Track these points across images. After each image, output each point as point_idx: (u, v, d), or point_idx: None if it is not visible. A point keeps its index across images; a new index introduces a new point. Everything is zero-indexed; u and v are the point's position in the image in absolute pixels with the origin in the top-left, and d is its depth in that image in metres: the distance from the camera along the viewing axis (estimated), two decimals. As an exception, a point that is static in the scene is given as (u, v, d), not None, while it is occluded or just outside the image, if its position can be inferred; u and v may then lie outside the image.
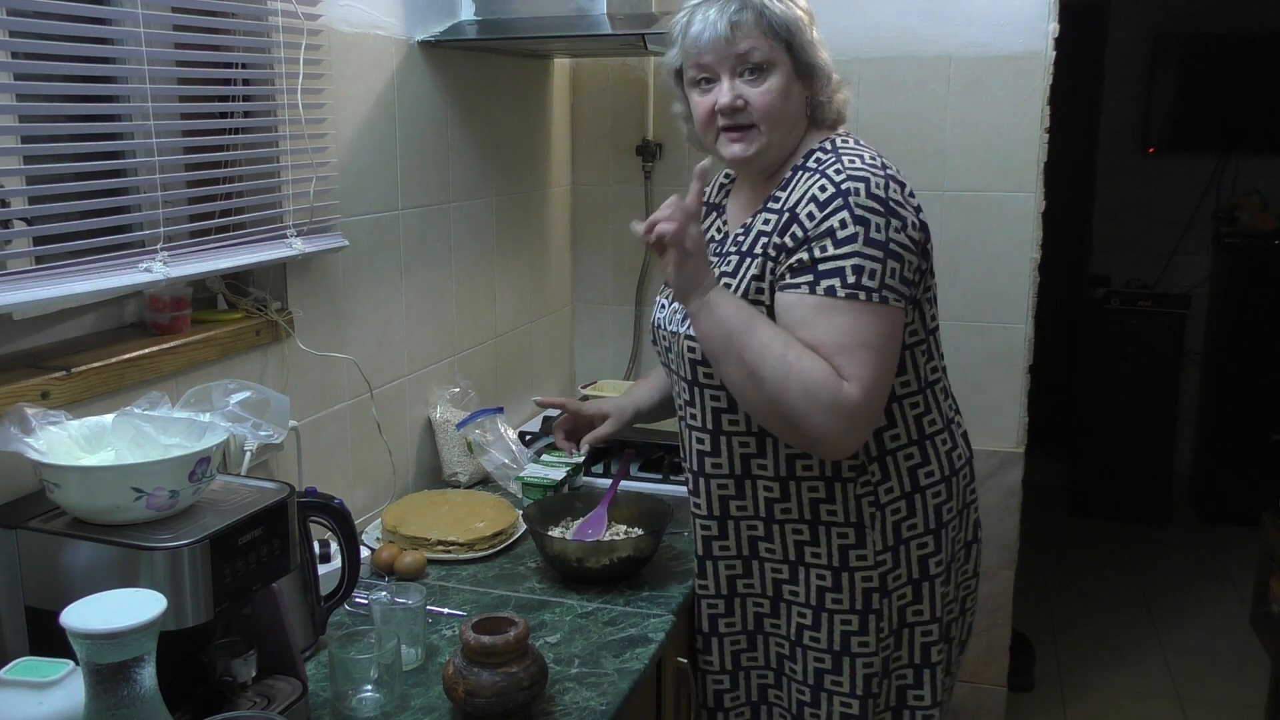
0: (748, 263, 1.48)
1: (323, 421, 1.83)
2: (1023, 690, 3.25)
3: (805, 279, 1.41)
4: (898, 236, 1.41)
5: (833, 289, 1.39)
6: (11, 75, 1.30)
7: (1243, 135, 4.62)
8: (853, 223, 1.39)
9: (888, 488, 1.53)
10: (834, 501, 1.52)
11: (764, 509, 1.56)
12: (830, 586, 1.55)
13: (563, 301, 2.81)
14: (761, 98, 1.46)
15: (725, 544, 1.61)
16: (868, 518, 1.53)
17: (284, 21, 1.61)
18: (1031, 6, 2.37)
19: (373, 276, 1.94)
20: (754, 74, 1.47)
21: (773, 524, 1.56)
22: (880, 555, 1.53)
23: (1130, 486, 4.58)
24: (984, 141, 2.44)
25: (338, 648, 1.35)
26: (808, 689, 1.59)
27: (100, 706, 0.92)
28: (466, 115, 2.21)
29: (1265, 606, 2.58)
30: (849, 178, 1.42)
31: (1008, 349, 2.51)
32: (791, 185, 1.48)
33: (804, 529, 1.54)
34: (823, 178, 1.44)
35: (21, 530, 1.16)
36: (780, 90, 1.47)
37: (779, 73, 1.47)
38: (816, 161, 1.48)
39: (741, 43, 1.45)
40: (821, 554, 1.54)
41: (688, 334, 1.52)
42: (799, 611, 1.58)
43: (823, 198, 1.42)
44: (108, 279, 1.34)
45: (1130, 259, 4.90)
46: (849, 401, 1.36)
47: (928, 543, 1.56)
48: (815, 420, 1.38)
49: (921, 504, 1.55)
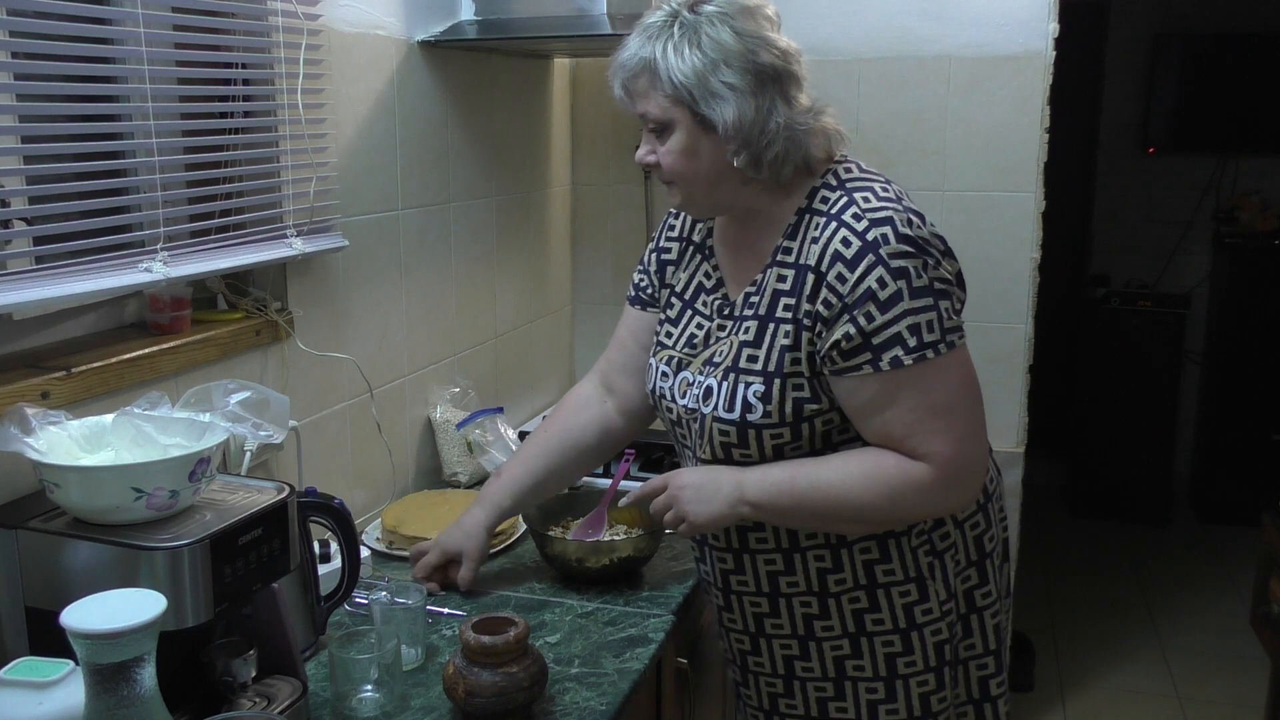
0: (773, 329, 1.36)
1: (323, 421, 1.83)
2: (1023, 690, 3.25)
3: (864, 359, 1.30)
4: (936, 274, 1.31)
5: (897, 360, 1.29)
6: (11, 75, 1.30)
7: (1243, 135, 4.62)
8: (892, 279, 1.28)
9: (943, 533, 1.44)
10: (889, 560, 1.41)
11: (817, 582, 1.44)
12: (900, 651, 1.43)
13: (563, 301, 2.81)
14: (664, 158, 1.36)
15: (779, 623, 1.48)
16: (926, 568, 1.42)
17: (284, 21, 1.61)
18: (1031, 6, 2.37)
19: (373, 276, 1.94)
20: (659, 132, 1.36)
21: (828, 598, 1.44)
22: (945, 605, 1.44)
23: (1130, 486, 4.58)
24: (984, 141, 2.44)
25: (338, 648, 1.35)
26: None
27: (100, 706, 0.92)
28: (466, 115, 2.21)
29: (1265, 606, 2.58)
30: (871, 224, 1.30)
31: (1008, 349, 2.51)
32: (803, 234, 1.35)
33: (861, 595, 1.43)
34: (843, 228, 1.31)
35: (21, 530, 1.16)
36: (681, 150, 1.34)
37: (679, 131, 1.33)
38: (824, 201, 1.35)
39: (637, 103, 1.35)
40: (885, 619, 1.43)
41: (715, 416, 1.39)
42: (867, 687, 1.45)
43: (849, 255, 1.29)
44: (108, 279, 1.34)
45: (1130, 259, 4.90)
46: (932, 480, 1.31)
47: (971, 575, 1.48)
48: (917, 512, 1.37)
49: (962, 539, 1.46)
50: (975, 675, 1.51)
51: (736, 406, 1.37)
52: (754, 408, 1.36)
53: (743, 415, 1.36)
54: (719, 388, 1.39)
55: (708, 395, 1.41)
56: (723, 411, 1.38)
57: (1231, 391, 4.51)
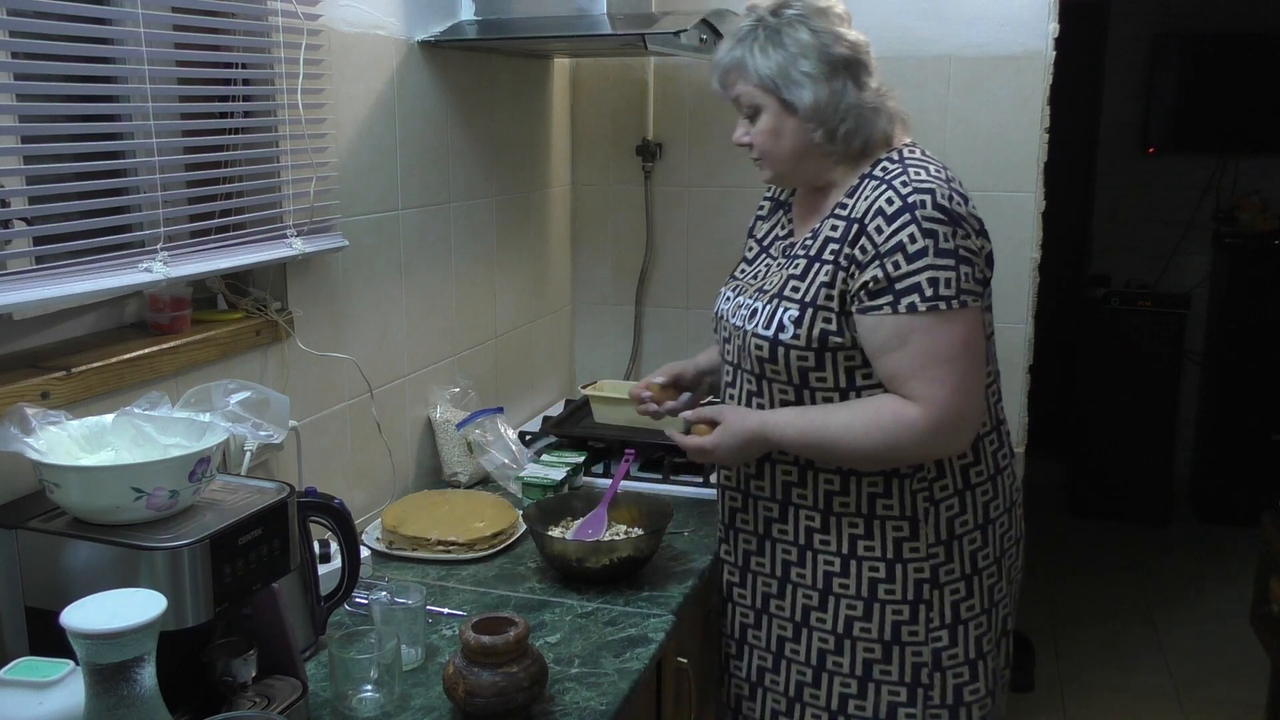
0: (816, 268, 1.56)
1: (323, 421, 1.83)
2: (1023, 690, 3.25)
3: (885, 300, 1.49)
4: (964, 243, 1.49)
5: (913, 305, 1.47)
6: (11, 75, 1.30)
7: (1243, 135, 4.62)
8: (921, 236, 1.47)
9: (942, 484, 1.60)
10: (890, 496, 1.59)
11: (823, 501, 1.62)
12: (884, 578, 1.60)
13: (563, 301, 2.81)
14: (755, 137, 1.60)
15: (784, 528, 1.66)
16: (921, 512, 1.59)
17: (284, 21, 1.61)
18: (1031, 6, 2.37)
19: (373, 276, 1.94)
20: (751, 116, 1.59)
21: (830, 516, 1.62)
22: (933, 549, 1.59)
23: (1130, 486, 4.58)
24: (984, 141, 2.44)
25: (338, 648, 1.35)
26: (854, 680, 1.63)
27: (100, 706, 0.92)
28: (466, 115, 2.21)
29: (1265, 606, 2.58)
30: (915, 190, 1.49)
31: (1008, 349, 2.51)
32: (859, 193, 1.55)
33: (859, 523, 1.61)
34: (889, 189, 1.51)
35: (21, 530, 1.16)
36: (768, 131, 1.57)
37: (766, 114, 1.57)
38: (883, 170, 1.55)
39: (731, 90, 1.59)
40: (875, 547, 1.60)
41: (754, 332, 1.60)
42: (848, 604, 1.62)
43: (890, 211, 1.49)
44: (108, 279, 1.34)
45: (1130, 259, 4.90)
46: (924, 424, 1.48)
47: (976, 538, 1.63)
48: (911, 453, 1.53)
49: (971, 501, 1.62)
50: (973, 634, 1.63)
51: (772, 326, 1.57)
52: (786, 329, 1.56)
53: (776, 334, 1.57)
54: (762, 309, 1.61)
55: (752, 315, 1.62)
56: (761, 329, 1.59)
57: (1231, 391, 4.51)
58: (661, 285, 2.80)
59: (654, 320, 2.82)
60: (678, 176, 2.72)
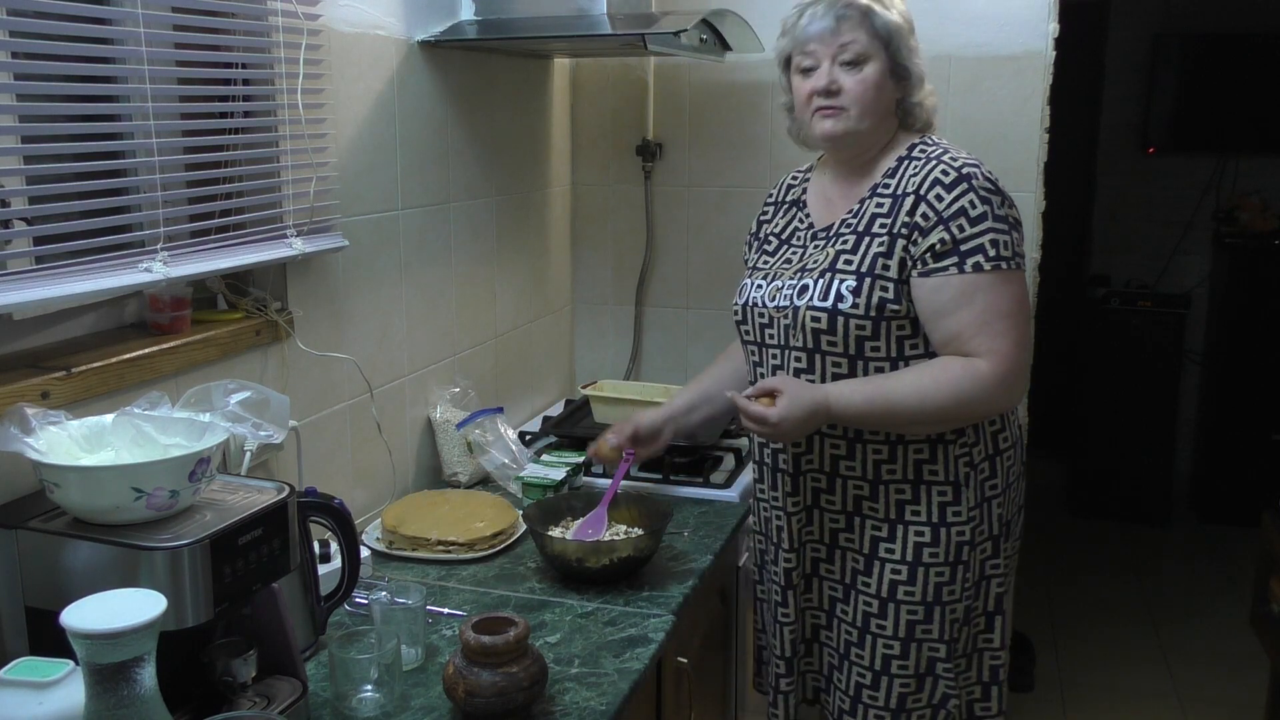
0: (867, 241, 1.64)
1: (323, 421, 1.83)
2: (1023, 690, 3.25)
3: (952, 260, 1.58)
4: (1012, 212, 1.63)
5: (979, 265, 1.57)
6: (11, 75, 1.30)
7: (1243, 135, 4.62)
8: (980, 203, 1.59)
9: (979, 450, 1.69)
10: (936, 462, 1.67)
11: (871, 470, 1.69)
12: (929, 541, 1.67)
13: (563, 301, 2.81)
14: (856, 85, 1.64)
15: (831, 498, 1.73)
16: (963, 477, 1.67)
17: (284, 21, 1.61)
18: (1031, 6, 2.37)
19: (373, 276, 1.94)
20: (851, 64, 1.64)
21: (879, 484, 1.69)
22: (972, 511, 1.68)
23: (1130, 486, 4.58)
24: (984, 141, 2.44)
25: (338, 648, 1.35)
26: (897, 642, 1.69)
27: (100, 706, 0.92)
28: (466, 115, 2.21)
29: (1265, 606, 2.58)
30: (965, 164, 1.61)
31: (1008, 349, 2.51)
32: (901, 174, 1.66)
33: (906, 489, 1.68)
34: (940, 164, 1.62)
35: (21, 530, 1.16)
36: (873, 81, 1.64)
37: (873, 66, 1.64)
38: (923, 152, 1.67)
39: (845, 35, 1.63)
40: (921, 511, 1.67)
41: (809, 305, 1.64)
42: (892, 568, 1.69)
43: (947, 180, 1.60)
44: (108, 279, 1.34)
45: (1130, 259, 4.90)
46: (992, 377, 1.57)
47: (1003, 501, 1.72)
48: (979, 407, 1.61)
49: (1000, 466, 1.72)
50: (994, 591, 1.74)
51: (830, 297, 1.63)
52: (845, 299, 1.62)
53: (834, 305, 1.62)
54: (815, 283, 1.66)
55: (803, 291, 1.67)
56: (817, 300, 1.64)
57: (1231, 391, 4.51)
58: (661, 285, 2.80)
59: (654, 320, 2.83)
60: (678, 176, 2.72)
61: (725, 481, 2.14)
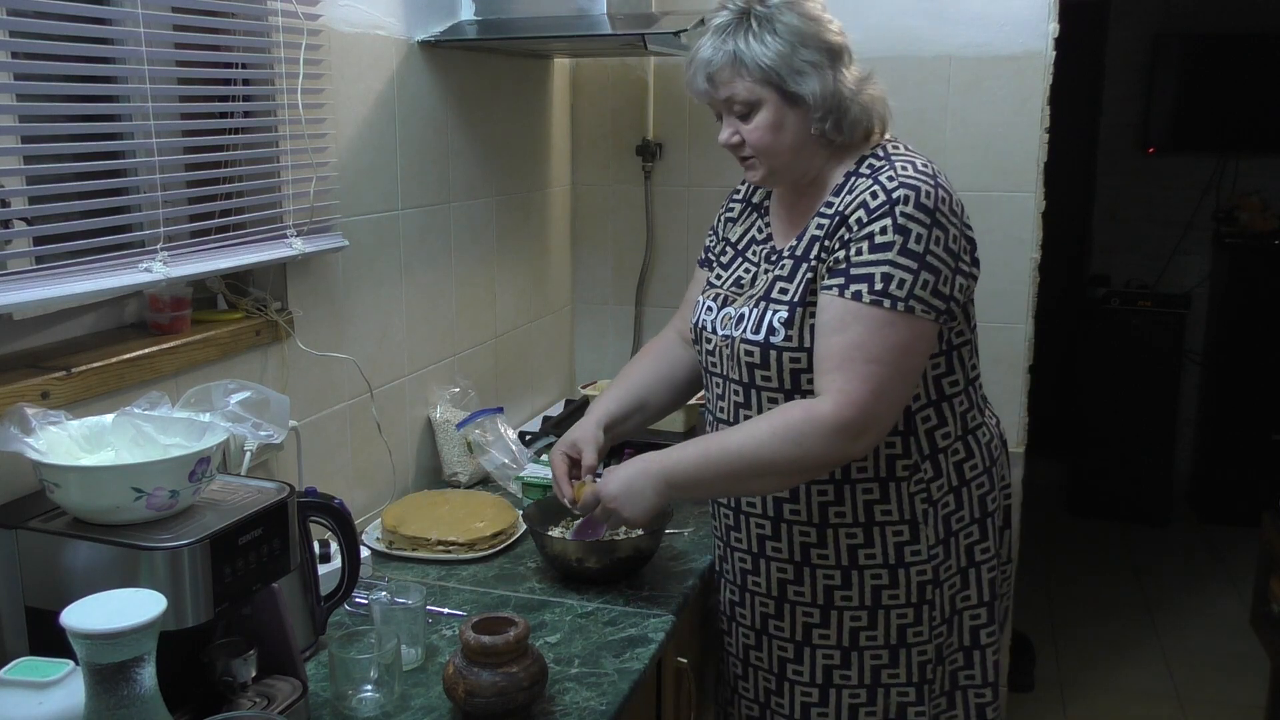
0: (803, 268, 1.53)
1: (323, 421, 1.83)
2: (1023, 690, 3.25)
3: (838, 281, 1.46)
4: (936, 249, 1.45)
5: (859, 294, 1.44)
6: (11, 75, 1.30)
7: (1243, 135, 4.62)
8: (893, 231, 1.44)
9: (939, 484, 1.58)
10: (888, 501, 1.56)
11: (818, 514, 1.58)
12: (886, 584, 1.58)
13: (563, 301, 2.81)
14: (751, 134, 1.51)
15: (778, 546, 1.62)
16: (920, 514, 1.57)
17: (284, 21, 1.61)
18: (1031, 6, 2.37)
19: (373, 276, 1.94)
20: (743, 113, 1.51)
21: (826, 529, 1.58)
22: (933, 549, 1.58)
23: (1130, 486, 4.58)
24: (984, 141, 2.44)
25: (338, 648, 1.35)
26: (863, 689, 1.62)
27: (100, 706, 0.92)
28: (466, 115, 2.21)
29: (1265, 606, 2.58)
30: (901, 185, 1.46)
31: (1008, 349, 2.51)
32: (845, 191, 1.52)
33: (858, 532, 1.57)
34: (876, 185, 1.48)
35: (21, 530, 1.16)
36: (769, 125, 1.50)
37: (764, 111, 1.50)
38: (870, 168, 1.52)
39: (721, 90, 1.50)
40: (876, 554, 1.58)
41: (743, 338, 1.55)
42: (851, 615, 1.60)
43: (873, 204, 1.46)
44: (108, 279, 1.34)
45: (1130, 259, 4.90)
46: (832, 420, 1.42)
47: (973, 532, 1.62)
48: (821, 454, 1.45)
49: (967, 496, 1.61)
50: (968, 624, 1.65)
51: (762, 330, 1.53)
52: (777, 331, 1.52)
53: (766, 338, 1.53)
54: (750, 314, 1.56)
55: (739, 322, 1.57)
56: (750, 334, 1.55)
57: (1231, 391, 4.51)
58: (661, 285, 2.80)
59: (654, 320, 2.82)
60: (678, 176, 2.72)
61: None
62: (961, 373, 1.59)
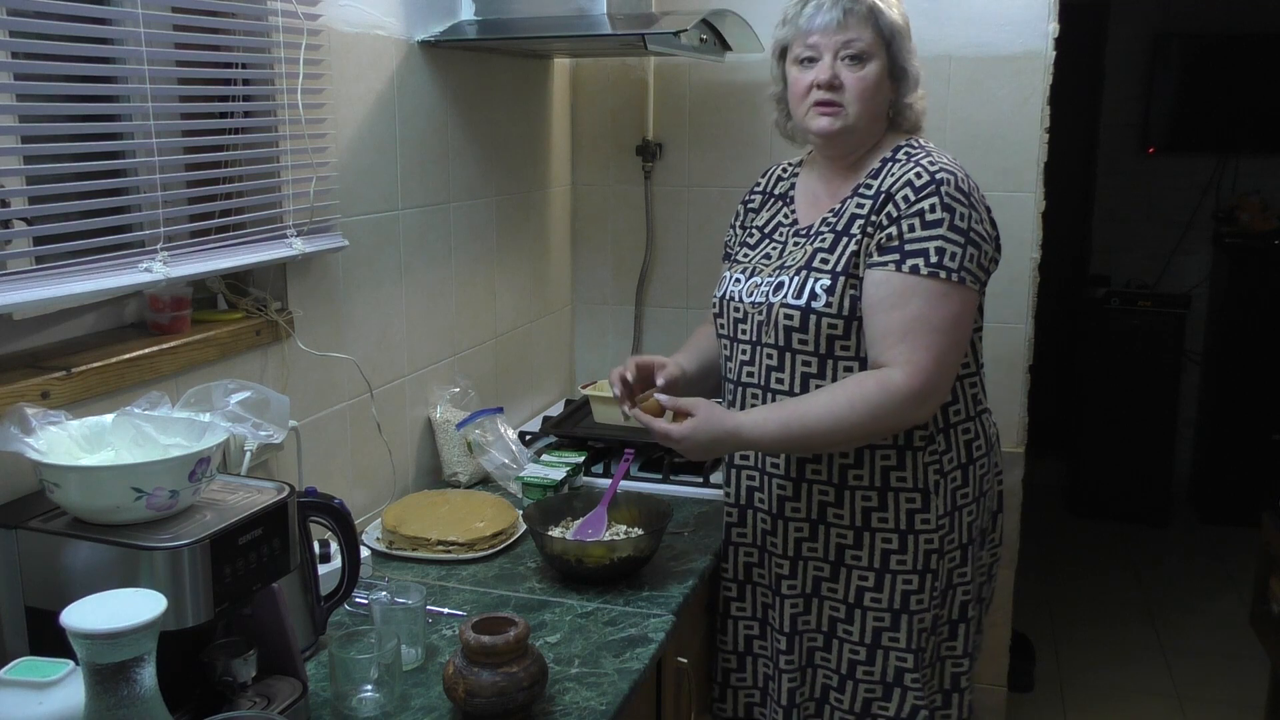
0: (845, 241, 1.63)
1: (323, 421, 1.83)
2: (1023, 690, 3.25)
3: (892, 257, 1.57)
4: (978, 226, 1.59)
5: (916, 268, 1.55)
6: (11, 75, 1.30)
7: (1243, 135, 4.62)
8: (941, 209, 1.56)
9: (950, 458, 1.68)
10: (904, 469, 1.65)
11: (838, 475, 1.68)
12: (895, 549, 1.67)
13: (563, 301, 2.81)
14: (856, 82, 1.63)
15: (797, 505, 1.71)
16: (932, 484, 1.66)
17: (284, 21, 1.61)
18: (1031, 6, 2.37)
19: (373, 276, 1.94)
20: (854, 61, 1.62)
21: (844, 490, 1.68)
22: (941, 520, 1.67)
23: (1130, 486, 4.58)
24: (984, 141, 2.44)
25: (338, 648, 1.35)
26: (863, 648, 1.70)
27: (100, 706, 0.92)
28: (466, 115, 2.21)
29: (1265, 606, 2.58)
30: (941, 169, 1.60)
31: (1008, 349, 2.51)
32: (883, 174, 1.64)
33: (873, 495, 1.67)
34: (917, 166, 1.61)
35: (21, 530, 1.16)
36: (874, 80, 1.63)
37: (875, 65, 1.63)
38: (906, 155, 1.65)
39: (850, 30, 1.62)
40: (888, 518, 1.66)
41: (784, 303, 1.64)
42: (860, 575, 1.69)
43: (919, 183, 1.59)
44: (108, 279, 1.34)
45: (1130, 259, 4.90)
46: (906, 390, 1.53)
47: (974, 510, 1.71)
48: (893, 425, 1.58)
49: (972, 474, 1.70)
50: (959, 600, 1.73)
51: (804, 295, 1.63)
52: (819, 297, 1.61)
53: (808, 303, 1.62)
54: (791, 281, 1.65)
55: (778, 289, 1.66)
56: (792, 298, 1.63)
57: (1231, 391, 4.51)
58: (661, 285, 2.80)
59: (654, 320, 2.83)
60: (678, 176, 2.73)
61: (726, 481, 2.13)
62: (973, 357, 1.71)
